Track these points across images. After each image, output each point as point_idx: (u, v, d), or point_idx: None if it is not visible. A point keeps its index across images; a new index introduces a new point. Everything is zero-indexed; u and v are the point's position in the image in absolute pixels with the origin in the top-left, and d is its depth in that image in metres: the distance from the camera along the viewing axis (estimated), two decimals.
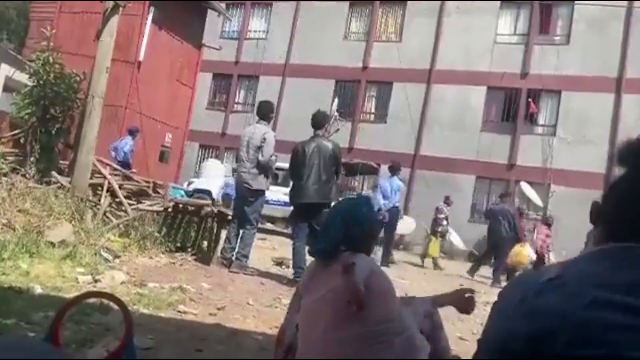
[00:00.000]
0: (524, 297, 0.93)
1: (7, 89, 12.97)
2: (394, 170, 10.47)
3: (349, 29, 21.56)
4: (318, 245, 2.24)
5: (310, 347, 2.05)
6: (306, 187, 5.89)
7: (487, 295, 6.19)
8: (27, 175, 6.58)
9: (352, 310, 1.92)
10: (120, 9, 7.10)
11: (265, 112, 6.50)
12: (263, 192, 6.42)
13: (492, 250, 10.81)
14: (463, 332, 4.45)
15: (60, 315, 1.53)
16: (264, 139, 6.20)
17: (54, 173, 7.02)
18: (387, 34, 21.04)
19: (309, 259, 5.95)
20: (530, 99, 18.39)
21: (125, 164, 10.18)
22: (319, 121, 6.15)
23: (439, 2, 19.75)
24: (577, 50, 17.85)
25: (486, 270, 10.97)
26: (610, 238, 0.96)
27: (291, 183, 6.47)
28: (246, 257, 6.16)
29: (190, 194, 12.08)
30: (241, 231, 6.33)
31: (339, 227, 2.16)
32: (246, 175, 6.26)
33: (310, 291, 2.15)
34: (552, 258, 11.51)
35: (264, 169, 6.24)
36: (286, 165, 6.74)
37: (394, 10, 20.96)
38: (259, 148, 6.20)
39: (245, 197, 6.34)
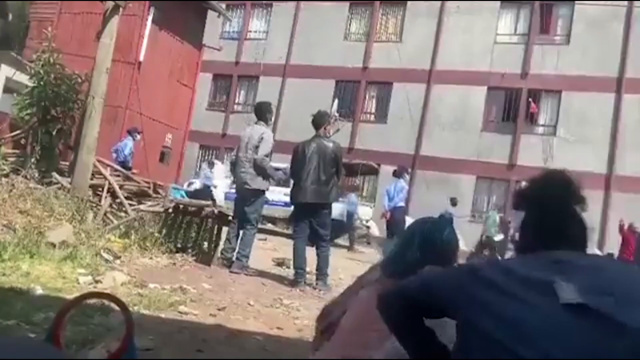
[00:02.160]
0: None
1: (7, 90, 12.97)
2: (397, 174, 10.58)
3: (349, 29, 21.57)
4: (392, 268, 2.15)
5: (343, 335, 2.03)
6: (305, 187, 5.90)
7: None
8: (27, 176, 6.58)
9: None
10: (121, 9, 7.10)
11: (263, 112, 6.51)
12: (263, 192, 6.42)
13: None
14: None
15: (60, 316, 1.52)
16: (262, 138, 6.21)
17: (54, 174, 7.02)
18: (387, 34, 21.05)
19: (310, 259, 5.96)
20: (530, 99, 18.40)
21: (125, 167, 10.18)
22: (317, 121, 6.16)
23: (439, 2, 19.76)
24: (578, 50, 17.85)
25: None
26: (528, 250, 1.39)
27: (291, 183, 6.48)
28: (247, 257, 6.16)
29: (190, 195, 12.08)
30: (241, 232, 6.33)
31: (414, 251, 2.11)
32: (245, 175, 6.26)
33: (373, 286, 2.14)
34: None
35: (259, 168, 6.22)
36: (284, 165, 6.75)
37: (394, 11, 20.97)
38: (257, 148, 6.20)
39: (245, 198, 6.34)
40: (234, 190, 7.80)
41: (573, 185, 1.42)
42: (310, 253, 6.01)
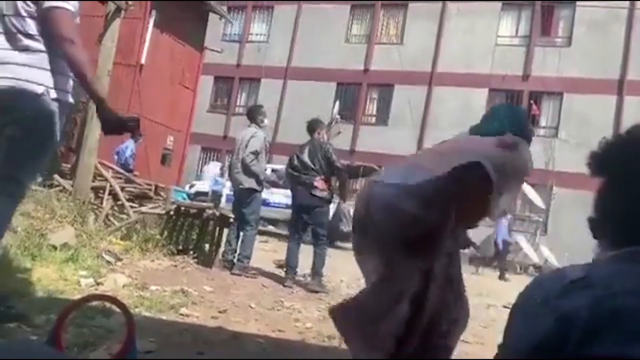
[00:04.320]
0: (545, 299, 0.93)
1: None
2: None
3: (350, 31, 21.58)
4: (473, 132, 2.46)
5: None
6: (297, 187, 6.10)
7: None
8: None
9: None
10: (122, 12, 7.12)
11: (254, 115, 6.64)
12: (258, 191, 6.46)
13: None
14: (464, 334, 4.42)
15: (62, 318, 1.53)
16: (253, 137, 6.31)
17: (56, 176, 7.02)
18: (388, 37, 21.07)
19: (305, 258, 5.95)
20: (532, 101, 18.39)
21: (126, 169, 10.19)
22: (311, 126, 6.42)
23: (440, 4, 19.77)
24: (579, 52, 17.84)
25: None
26: (616, 245, 0.98)
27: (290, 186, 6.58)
28: (248, 259, 6.18)
29: (191, 197, 12.11)
30: (241, 233, 6.36)
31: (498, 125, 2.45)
32: (239, 176, 6.35)
33: None
34: None
35: (244, 166, 6.30)
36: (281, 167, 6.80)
37: (395, 13, 20.99)
38: (247, 148, 6.33)
39: (241, 199, 6.41)
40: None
41: None
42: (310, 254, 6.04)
